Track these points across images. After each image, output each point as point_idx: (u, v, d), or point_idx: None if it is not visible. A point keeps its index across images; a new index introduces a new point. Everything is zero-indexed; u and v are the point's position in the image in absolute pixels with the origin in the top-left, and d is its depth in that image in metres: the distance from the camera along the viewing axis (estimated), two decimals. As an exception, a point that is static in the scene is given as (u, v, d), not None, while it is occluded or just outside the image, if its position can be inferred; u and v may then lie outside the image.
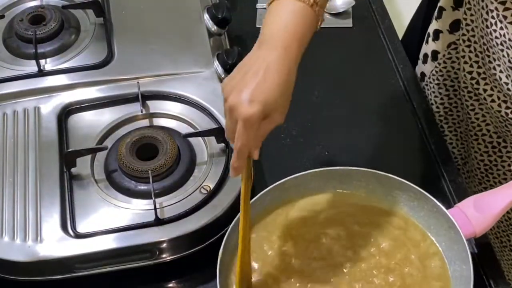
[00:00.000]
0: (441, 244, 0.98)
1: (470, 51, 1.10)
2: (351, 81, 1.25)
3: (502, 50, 1.00)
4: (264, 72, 0.83)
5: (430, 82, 1.24)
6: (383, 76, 1.25)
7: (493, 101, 1.09)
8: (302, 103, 1.20)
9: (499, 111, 1.09)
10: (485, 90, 1.10)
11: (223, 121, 1.06)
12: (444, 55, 1.18)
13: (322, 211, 1.02)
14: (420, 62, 1.27)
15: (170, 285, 1.01)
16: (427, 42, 1.23)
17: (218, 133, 1.05)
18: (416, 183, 0.99)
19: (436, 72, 1.21)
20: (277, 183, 1.01)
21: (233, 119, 0.83)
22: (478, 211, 0.96)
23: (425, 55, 1.24)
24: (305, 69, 1.23)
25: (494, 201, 0.96)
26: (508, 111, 1.07)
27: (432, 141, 1.16)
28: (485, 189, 1.24)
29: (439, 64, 1.21)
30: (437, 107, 1.25)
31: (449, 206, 0.99)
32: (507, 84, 1.03)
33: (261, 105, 0.82)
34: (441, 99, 1.24)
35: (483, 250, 0.98)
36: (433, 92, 1.24)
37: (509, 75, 1.01)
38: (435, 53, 1.20)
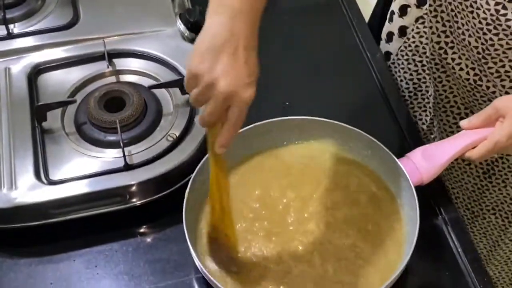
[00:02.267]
0: (393, 189, 1.05)
1: (437, 21, 1.13)
2: (311, 42, 1.31)
3: (472, 12, 1.02)
4: (243, 49, 0.83)
5: (399, 59, 1.27)
6: (338, 31, 1.33)
7: (461, 69, 1.12)
8: (263, 57, 1.24)
9: (467, 79, 1.11)
10: (453, 59, 1.12)
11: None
12: (412, 30, 1.22)
13: (291, 160, 1.08)
14: (383, 42, 1.30)
15: (142, 230, 1.06)
16: (391, 20, 1.26)
17: (181, 84, 1.10)
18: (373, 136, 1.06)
19: (405, 47, 1.25)
20: (240, 130, 1.02)
21: (226, 104, 0.84)
22: (426, 161, 1.02)
23: (390, 34, 1.27)
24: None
25: (441, 151, 1.02)
26: (476, 78, 1.10)
27: (390, 100, 1.22)
28: (456, 160, 1.29)
29: (408, 39, 1.24)
30: (407, 83, 1.28)
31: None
32: (476, 47, 1.06)
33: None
34: (410, 74, 1.27)
35: (432, 182, 1.04)
36: (402, 68, 1.27)
37: (479, 38, 1.04)
38: (403, 29, 1.24)
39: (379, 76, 1.24)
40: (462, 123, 1.03)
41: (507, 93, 1.07)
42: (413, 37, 1.23)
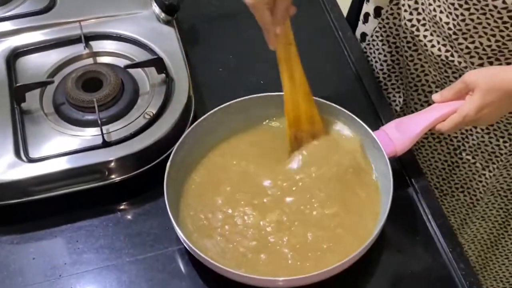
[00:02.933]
0: (370, 161, 1.09)
1: None
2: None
3: None
4: None
5: (373, 40, 1.30)
6: (311, 13, 1.36)
7: (433, 46, 1.15)
8: (238, 39, 1.30)
9: (439, 56, 1.14)
10: (425, 36, 1.15)
11: (162, 54, 1.17)
12: (387, 11, 1.25)
13: (273, 135, 1.13)
14: (360, 23, 1.33)
15: (121, 206, 1.09)
16: (368, 0, 1.29)
17: (157, 63, 1.13)
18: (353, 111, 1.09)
19: (380, 28, 1.28)
20: (222, 105, 1.10)
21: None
22: (399, 133, 1.06)
23: (366, 14, 1.30)
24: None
25: (414, 123, 1.06)
26: (448, 54, 1.13)
27: (359, 69, 1.26)
28: (426, 139, 1.33)
29: (383, 20, 1.27)
30: (381, 65, 1.32)
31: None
32: (447, 23, 1.08)
33: None
34: (384, 55, 1.30)
35: (404, 154, 1.08)
36: (377, 49, 1.30)
37: (450, 14, 1.07)
38: (378, 9, 1.27)
39: (351, 55, 1.28)
40: (434, 96, 1.06)
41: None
42: (387, 18, 1.26)
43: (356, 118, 1.08)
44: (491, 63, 1.09)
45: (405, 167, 1.11)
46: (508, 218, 1.38)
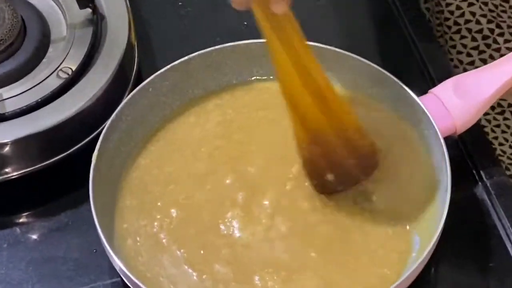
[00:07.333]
0: (413, 143, 0.92)
1: None
2: None
3: None
4: None
5: None
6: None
7: None
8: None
9: None
10: None
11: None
12: None
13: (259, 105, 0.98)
14: None
15: (23, 217, 0.92)
16: None
17: (77, -9, 0.97)
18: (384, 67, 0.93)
19: None
20: (181, 59, 0.93)
21: None
22: (460, 98, 0.89)
23: None
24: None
25: (484, 81, 0.89)
26: None
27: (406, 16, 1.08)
28: None
29: None
30: None
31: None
32: None
33: None
34: None
35: (469, 132, 0.89)
36: None
37: None
38: None
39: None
40: None
41: None
42: None
43: (393, 77, 0.88)
44: None
45: (469, 152, 0.92)
46: None
